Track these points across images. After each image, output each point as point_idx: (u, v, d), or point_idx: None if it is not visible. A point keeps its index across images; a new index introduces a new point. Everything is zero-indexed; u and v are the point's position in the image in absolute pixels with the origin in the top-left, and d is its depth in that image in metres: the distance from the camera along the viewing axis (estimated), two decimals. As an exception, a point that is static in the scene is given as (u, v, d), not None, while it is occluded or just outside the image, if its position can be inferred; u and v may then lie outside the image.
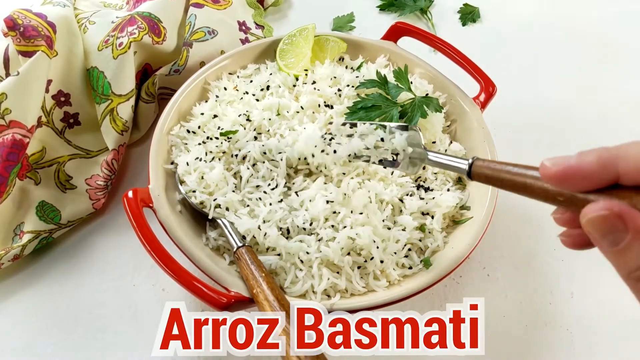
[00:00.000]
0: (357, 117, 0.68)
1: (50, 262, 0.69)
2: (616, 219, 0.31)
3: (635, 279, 0.31)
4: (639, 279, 0.31)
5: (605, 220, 0.32)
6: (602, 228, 0.32)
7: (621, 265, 0.32)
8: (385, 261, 0.59)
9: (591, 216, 0.32)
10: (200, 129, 0.70)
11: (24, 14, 0.72)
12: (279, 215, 0.60)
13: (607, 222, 0.32)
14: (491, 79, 0.75)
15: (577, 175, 0.33)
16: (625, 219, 0.31)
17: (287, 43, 0.79)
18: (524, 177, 0.38)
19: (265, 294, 0.51)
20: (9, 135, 0.67)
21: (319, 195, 0.61)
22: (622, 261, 0.32)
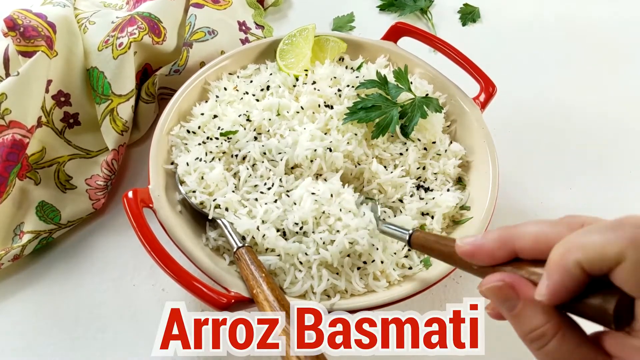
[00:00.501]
0: (357, 117, 0.68)
1: (50, 262, 0.69)
2: (508, 289, 0.36)
3: (530, 340, 0.35)
4: (532, 340, 0.35)
5: (500, 290, 0.36)
6: (498, 296, 0.37)
7: (518, 328, 0.36)
8: (385, 262, 0.59)
9: (488, 286, 0.37)
10: (200, 129, 0.70)
11: (24, 14, 0.72)
12: (276, 214, 0.60)
13: (501, 292, 0.36)
14: (491, 79, 0.75)
15: (482, 252, 0.39)
16: (517, 289, 0.36)
17: (287, 43, 0.79)
18: (450, 249, 0.43)
19: (265, 294, 0.51)
20: (9, 135, 0.67)
21: (307, 194, 0.61)
22: (518, 325, 0.36)
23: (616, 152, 0.87)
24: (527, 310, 0.35)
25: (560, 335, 0.34)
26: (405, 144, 0.70)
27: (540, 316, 0.35)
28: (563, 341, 0.34)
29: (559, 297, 0.33)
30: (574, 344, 0.34)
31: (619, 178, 0.84)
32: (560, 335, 0.34)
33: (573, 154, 0.87)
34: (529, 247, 0.36)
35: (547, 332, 0.34)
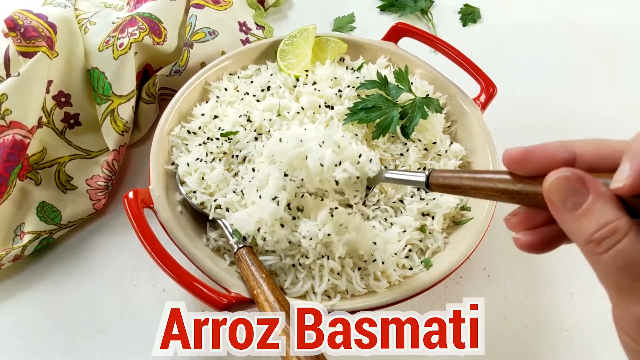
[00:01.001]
0: (358, 117, 0.68)
1: (50, 263, 0.69)
2: (577, 181, 0.32)
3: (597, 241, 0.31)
4: (601, 240, 0.31)
5: (568, 181, 0.32)
6: (565, 190, 0.33)
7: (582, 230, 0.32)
8: (385, 262, 0.59)
9: (554, 177, 0.33)
10: (201, 130, 0.70)
11: (25, 15, 0.72)
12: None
13: (569, 183, 0.32)
14: (491, 80, 0.75)
15: (539, 153, 0.35)
16: (586, 182, 0.32)
17: (288, 44, 0.79)
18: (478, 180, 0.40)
19: (266, 294, 0.51)
20: (10, 135, 0.67)
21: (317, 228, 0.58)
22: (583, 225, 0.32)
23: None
24: (598, 205, 0.32)
25: (634, 233, 0.30)
26: (405, 144, 0.70)
27: (612, 211, 0.31)
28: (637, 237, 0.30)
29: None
30: None
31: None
32: (634, 233, 0.30)
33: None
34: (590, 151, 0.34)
35: (620, 227, 0.31)
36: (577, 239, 0.33)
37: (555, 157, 0.35)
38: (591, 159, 0.34)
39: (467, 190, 0.42)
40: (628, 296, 0.31)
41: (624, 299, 0.31)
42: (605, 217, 0.31)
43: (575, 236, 0.33)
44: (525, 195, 0.36)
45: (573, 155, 0.35)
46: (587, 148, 0.35)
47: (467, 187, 0.41)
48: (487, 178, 0.39)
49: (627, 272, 0.30)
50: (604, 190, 0.32)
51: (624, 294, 0.31)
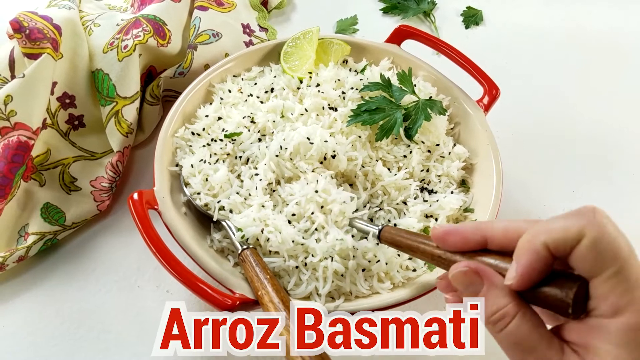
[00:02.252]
0: (361, 119, 0.68)
1: (54, 264, 0.70)
2: (473, 274, 0.39)
3: (493, 323, 0.38)
4: (495, 322, 0.38)
5: (465, 274, 0.40)
6: (463, 281, 0.40)
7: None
8: (389, 263, 0.59)
9: (455, 271, 0.41)
10: (205, 131, 0.70)
11: (30, 17, 0.72)
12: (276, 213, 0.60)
13: (466, 276, 0.40)
14: (494, 82, 0.75)
15: (455, 234, 0.42)
16: (481, 274, 0.39)
17: (291, 46, 0.80)
18: (417, 243, 0.48)
19: (270, 295, 0.51)
20: (14, 137, 0.67)
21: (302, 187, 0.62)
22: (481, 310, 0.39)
23: (619, 155, 0.87)
24: (491, 293, 0.38)
25: (521, 314, 0.37)
26: (409, 146, 0.70)
27: (503, 298, 0.38)
28: (523, 320, 0.37)
29: (527, 279, 0.36)
30: (533, 324, 0.37)
31: (622, 181, 0.84)
32: (521, 314, 0.37)
33: (576, 157, 0.87)
34: (499, 235, 0.40)
35: (509, 312, 0.37)
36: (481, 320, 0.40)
37: (469, 239, 0.42)
38: (500, 241, 0.40)
39: (405, 250, 0.50)
40: None
41: None
42: (497, 303, 0.38)
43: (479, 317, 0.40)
44: (448, 264, 0.43)
45: (485, 238, 0.41)
46: (496, 231, 0.40)
47: (406, 245, 0.50)
48: (423, 242, 0.47)
49: (517, 347, 0.37)
50: (497, 281, 0.38)
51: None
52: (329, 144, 0.64)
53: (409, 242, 0.49)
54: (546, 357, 0.36)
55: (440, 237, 0.43)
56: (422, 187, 0.68)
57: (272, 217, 0.60)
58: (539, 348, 0.36)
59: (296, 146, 0.64)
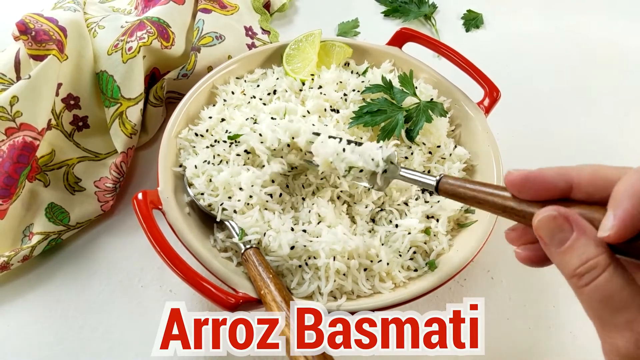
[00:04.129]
0: (363, 121, 0.69)
1: (58, 263, 0.70)
2: (563, 220, 0.35)
3: (579, 275, 0.34)
4: (582, 274, 0.34)
5: (554, 219, 0.35)
6: (551, 227, 0.36)
7: (566, 264, 0.35)
8: (390, 263, 0.60)
9: (542, 216, 0.36)
10: (208, 132, 0.71)
11: (36, 19, 0.73)
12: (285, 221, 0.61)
13: (555, 222, 0.35)
14: (495, 84, 0.76)
15: (538, 180, 0.38)
16: (571, 221, 0.35)
17: (294, 48, 0.80)
18: (483, 194, 0.42)
19: (273, 295, 0.52)
20: (20, 137, 0.68)
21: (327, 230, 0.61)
22: (567, 260, 0.35)
23: (619, 156, 0.88)
24: (580, 242, 0.34)
25: (612, 268, 0.33)
26: (410, 147, 0.70)
27: (593, 248, 0.34)
28: (615, 274, 0.33)
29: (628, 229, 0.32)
30: (625, 280, 0.33)
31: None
32: (612, 268, 0.33)
33: (576, 158, 0.87)
34: (587, 181, 0.36)
35: (600, 263, 0.33)
36: (563, 272, 0.36)
37: (552, 185, 0.37)
38: (587, 188, 0.36)
39: (470, 201, 0.45)
40: (608, 329, 0.33)
41: (605, 331, 0.34)
42: (587, 253, 0.34)
43: (561, 269, 0.36)
44: (522, 216, 0.39)
45: (570, 184, 0.37)
46: (583, 177, 0.36)
47: (471, 197, 0.44)
48: (491, 193, 0.42)
49: (606, 305, 0.33)
50: (587, 228, 0.35)
51: (605, 326, 0.33)
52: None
53: (473, 194, 0.43)
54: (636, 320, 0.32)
55: (517, 183, 0.38)
56: (424, 189, 0.69)
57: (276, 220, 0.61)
58: (631, 307, 0.32)
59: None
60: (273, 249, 0.59)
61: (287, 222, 0.61)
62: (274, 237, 0.59)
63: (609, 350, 0.34)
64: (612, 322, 0.33)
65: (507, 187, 0.40)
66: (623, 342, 0.32)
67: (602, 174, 0.36)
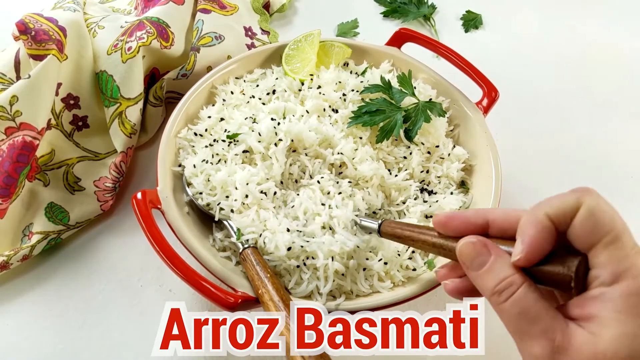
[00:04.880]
0: (362, 121, 0.69)
1: (58, 263, 0.70)
2: (481, 245, 0.40)
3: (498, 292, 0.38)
4: (501, 291, 0.38)
5: (473, 245, 0.40)
6: (471, 253, 0.40)
7: (486, 284, 0.39)
8: (389, 263, 0.60)
9: (463, 243, 0.41)
10: (208, 132, 0.71)
11: (35, 18, 0.73)
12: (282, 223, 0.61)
13: (474, 247, 0.40)
14: (494, 85, 0.76)
15: (457, 218, 0.43)
16: (488, 246, 0.40)
17: (293, 48, 0.81)
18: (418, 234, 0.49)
19: (271, 294, 0.52)
20: (19, 137, 0.68)
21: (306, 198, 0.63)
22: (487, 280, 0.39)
23: (618, 156, 0.88)
24: (497, 264, 0.39)
25: (527, 285, 0.37)
26: (409, 147, 0.71)
27: (509, 269, 0.38)
28: (529, 290, 0.37)
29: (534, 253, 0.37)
30: (538, 295, 0.37)
31: (620, 182, 0.84)
32: (527, 285, 0.37)
33: (575, 158, 0.87)
34: (500, 218, 0.41)
35: (515, 281, 0.37)
36: (484, 292, 0.40)
37: (471, 223, 0.43)
38: (500, 225, 0.41)
39: (406, 240, 0.51)
40: (526, 339, 0.36)
41: (523, 342, 0.37)
42: (504, 272, 0.38)
43: (482, 290, 0.40)
44: (448, 250, 0.44)
45: (486, 222, 0.42)
46: (497, 215, 0.42)
47: (407, 237, 0.51)
48: (422, 232, 0.48)
49: (523, 317, 0.36)
50: (502, 253, 0.39)
51: (523, 337, 0.37)
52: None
53: (408, 234, 0.50)
54: (551, 328, 0.36)
55: (442, 222, 0.44)
56: (422, 188, 0.69)
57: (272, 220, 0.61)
58: (544, 318, 0.36)
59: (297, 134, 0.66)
60: (270, 250, 0.59)
61: (283, 222, 0.61)
62: (270, 239, 0.59)
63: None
64: (530, 332, 0.36)
65: (434, 226, 0.45)
66: (540, 350, 0.35)
67: (513, 213, 0.41)
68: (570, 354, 0.35)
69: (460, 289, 0.46)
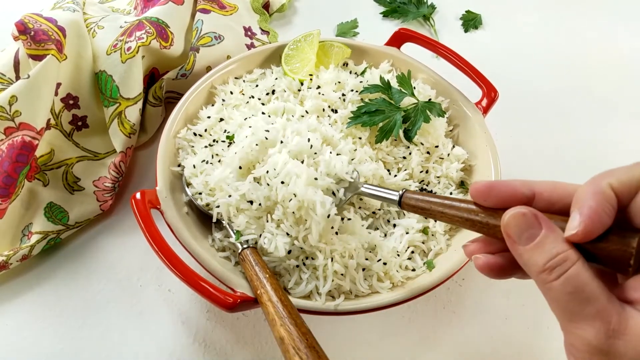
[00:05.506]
0: (361, 121, 0.69)
1: (57, 263, 0.70)
2: (532, 217, 0.36)
3: (549, 269, 0.34)
4: (552, 268, 0.34)
5: (524, 216, 0.36)
6: (520, 224, 0.36)
7: (535, 261, 0.35)
8: (388, 263, 0.60)
9: (512, 213, 0.37)
10: (207, 132, 0.71)
11: (35, 19, 0.73)
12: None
13: (525, 219, 0.36)
14: (493, 85, 0.76)
15: (503, 187, 0.39)
16: (540, 219, 0.36)
17: (292, 48, 0.81)
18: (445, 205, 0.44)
19: (269, 294, 0.52)
20: (19, 137, 0.68)
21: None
22: (536, 256, 0.35)
23: (618, 156, 0.88)
24: (549, 238, 0.35)
25: (582, 261, 0.34)
26: (408, 147, 0.71)
27: (562, 244, 0.35)
28: (584, 267, 0.34)
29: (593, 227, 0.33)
30: (593, 273, 0.34)
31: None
32: (582, 261, 0.34)
33: (575, 158, 0.87)
34: (548, 189, 0.38)
35: (570, 256, 0.34)
36: (531, 270, 0.36)
37: (516, 192, 0.39)
38: (548, 197, 0.38)
39: (434, 214, 0.46)
40: (577, 321, 0.33)
41: (574, 324, 0.34)
42: (557, 247, 0.35)
43: (529, 267, 0.36)
44: (485, 225, 0.40)
45: (532, 193, 0.39)
46: (544, 187, 0.38)
47: (435, 211, 0.45)
48: (454, 205, 0.43)
49: (576, 297, 0.33)
50: (555, 227, 0.36)
51: (574, 319, 0.33)
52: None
53: (437, 207, 0.44)
54: (607, 310, 0.32)
55: (483, 191, 0.40)
56: (422, 188, 0.69)
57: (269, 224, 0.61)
58: (600, 299, 0.33)
59: None
60: (270, 251, 0.59)
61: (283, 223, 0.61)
62: (269, 240, 0.59)
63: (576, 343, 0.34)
64: (582, 313, 0.33)
65: (472, 195, 0.41)
66: (594, 332, 0.32)
67: (562, 186, 0.38)
68: (626, 339, 0.32)
69: (493, 266, 0.41)
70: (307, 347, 0.45)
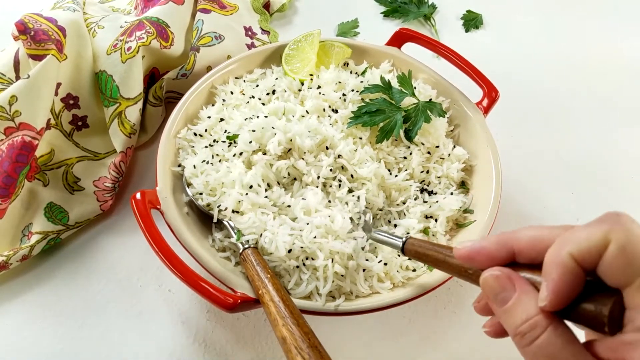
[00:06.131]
0: (362, 121, 0.69)
1: (57, 263, 0.70)
2: (505, 279, 0.37)
3: (521, 334, 0.35)
4: (524, 333, 0.34)
5: (497, 279, 0.37)
6: (494, 287, 0.37)
7: (510, 322, 0.36)
8: (389, 263, 0.60)
9: (486, 275, 0.38)
10: (207, 132, 0.71)
11: (35, 18, 0.73)
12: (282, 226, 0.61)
13: (498, 281, 0.37)
14: (494, 85, 0.76)
15: (481, 254, 0.39)
16: (513, 280, 0.36)
17: (293, 48, 0.81)
18: (443, 255, 0.45)
19: (271, 294, 0.52)
20: (19, 137, 0.68)
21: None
22: (511, 317, 0.36)
23: (618, 156, 0.88)
24: (521, 301, 0.35)
25: (552, 328, 0.34)
26: (409, 147, 0.70)
27: (534, 308, 0.35)
28: (555, 334, 0.33)
29: (561, 297, 0.33)
30: (565, 340, 0.33)
31: (620, 182, 0.84)
32: (552, 328, 0.34)
33: (575, 158, 0.87)
34: (526, 247, 0.37)
35: (539, 323, 0.34)
36: (508, 330, 0.36)
37: (495, 257, 0.39)
38: (528, 253, 0.37)
39: (432, 263, 0.48)
40: None
41: None
42: (527, 312, 0.35)
43: (506, 327, 0.37)
44: (476, 277, 0.41)
45: (511, 252, 0.38)
46: (522, 244, 0.37)
47: (431, 259, 0.47)
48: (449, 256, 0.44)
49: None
50: (529, 289, 0.36)
51: None
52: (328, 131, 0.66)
53: (435, 256, 0.46)
54: None
55: (465, 258, 0.41)
56: (422, 188, 0.69)
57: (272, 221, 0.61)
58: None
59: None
60: (270, 251, 0.59)
61: (284, 224, 0.61)
62: (270, 239, 0.59)
63: None
64: None
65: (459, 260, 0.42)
66: None
67: (539, 237, 0.37)
68: None
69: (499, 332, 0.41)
70: (309, 347, 0.45)
